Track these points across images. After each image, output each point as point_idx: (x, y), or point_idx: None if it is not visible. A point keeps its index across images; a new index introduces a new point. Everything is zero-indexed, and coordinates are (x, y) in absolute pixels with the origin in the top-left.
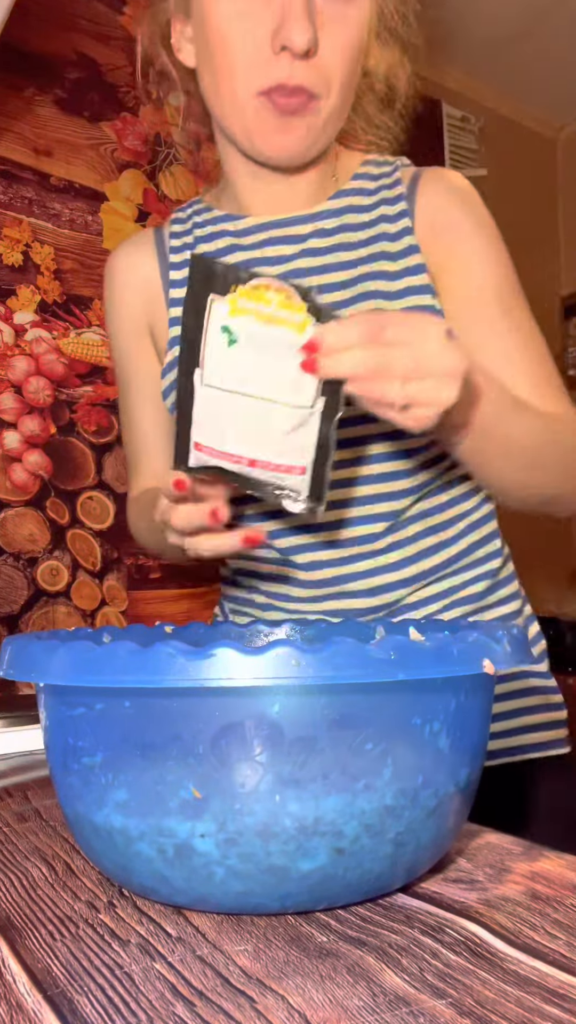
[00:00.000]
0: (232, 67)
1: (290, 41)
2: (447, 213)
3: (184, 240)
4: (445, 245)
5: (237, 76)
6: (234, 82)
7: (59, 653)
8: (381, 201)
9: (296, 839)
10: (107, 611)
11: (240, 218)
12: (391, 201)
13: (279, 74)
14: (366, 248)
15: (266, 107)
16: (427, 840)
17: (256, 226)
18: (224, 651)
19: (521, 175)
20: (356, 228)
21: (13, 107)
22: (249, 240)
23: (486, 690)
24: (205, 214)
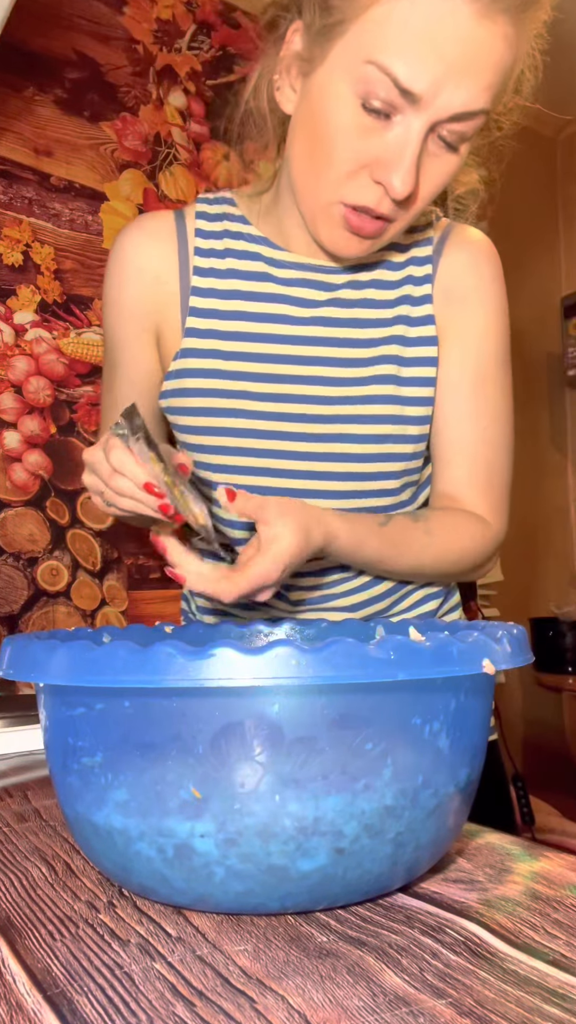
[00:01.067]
0: (330, 169)
1: (391, 185)
2: (462, 283)
3: (213, 245)
4: (452, 315)
5: (329, 180)
6: (324, 182)
7: (59, 653)
8: (411, 260)
9: (296, 839)
10: (107, 611)
11: (279, 249)
12: (420, 262)
13: (369, 198)
14: (391, 309)
15: (342, 219)
16: (427, 840)
17: (294, 263)
18: (224, 651)
19: (521, 175)
20: (385, 286)
21: (13, 107)
22: (283, 274)
23: (486, 690)
24: (240, 225)
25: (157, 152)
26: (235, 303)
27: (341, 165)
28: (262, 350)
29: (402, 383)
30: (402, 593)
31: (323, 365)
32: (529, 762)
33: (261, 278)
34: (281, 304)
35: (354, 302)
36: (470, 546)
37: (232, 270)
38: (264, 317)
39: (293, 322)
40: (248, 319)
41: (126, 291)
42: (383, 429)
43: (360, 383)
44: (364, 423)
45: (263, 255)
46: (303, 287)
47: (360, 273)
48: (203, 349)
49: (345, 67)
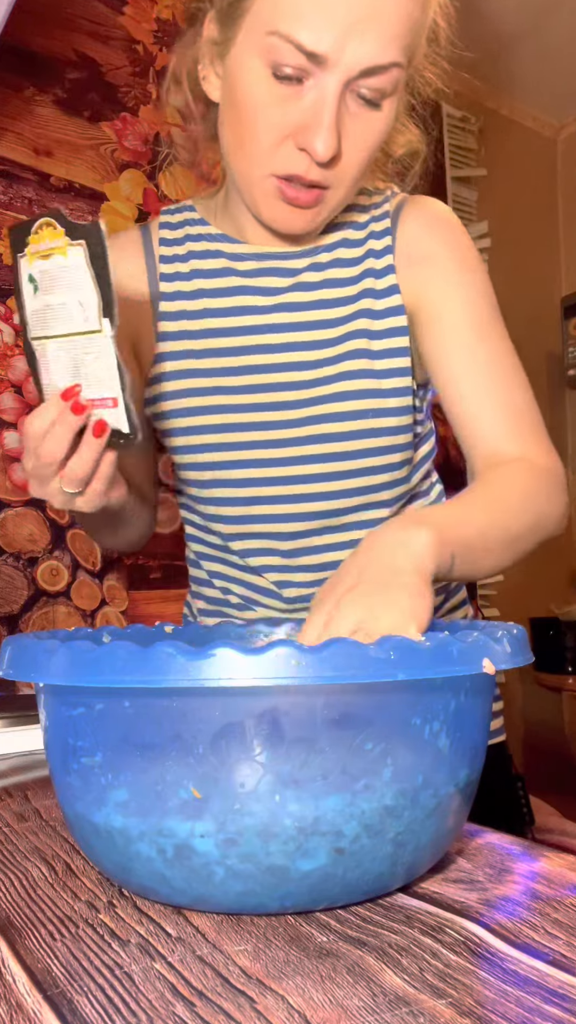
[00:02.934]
0: (254, 146)
1: (313, 150)
2: (421, 244)
3: (176, 251)
4: (420, 278)
5: (257, 156)
6: (252, 159)
7: (59, 653)
8: (370, 234)
9: (295, 839)
10: (107, 611)
11: (237, 242)
12: (379, 235)
13: (296, 167)
14: (355, 285)
15: (276, 189)
16: (427, 840)
17: (253, 254)
18: (224, 651)
19: (521, 175)
20: (347, 263)
21: (13, 107)
22: (244, 266)
23: (486, 690)
24: (199, 227)
25: (157, 152)
26: (201, 302)
27: (265, 137)
28: (231, 343)
29: (374, 356)
30: None
31: (293, 350)
32: (529, 762)
33: (223, 273)
34: (245, 296)
35: (317, 284)
36: (528, 486)
37: (196, 271)
38: (230, 311)
39: (258, 311)
40: (214, 315)
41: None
42: (360, 404)
43: (332, 362)
44: (341, 400)
45: (224, 251)
46: (265, 276)
47: (320, 255)
48: (175, 351)
49: (253, 42)
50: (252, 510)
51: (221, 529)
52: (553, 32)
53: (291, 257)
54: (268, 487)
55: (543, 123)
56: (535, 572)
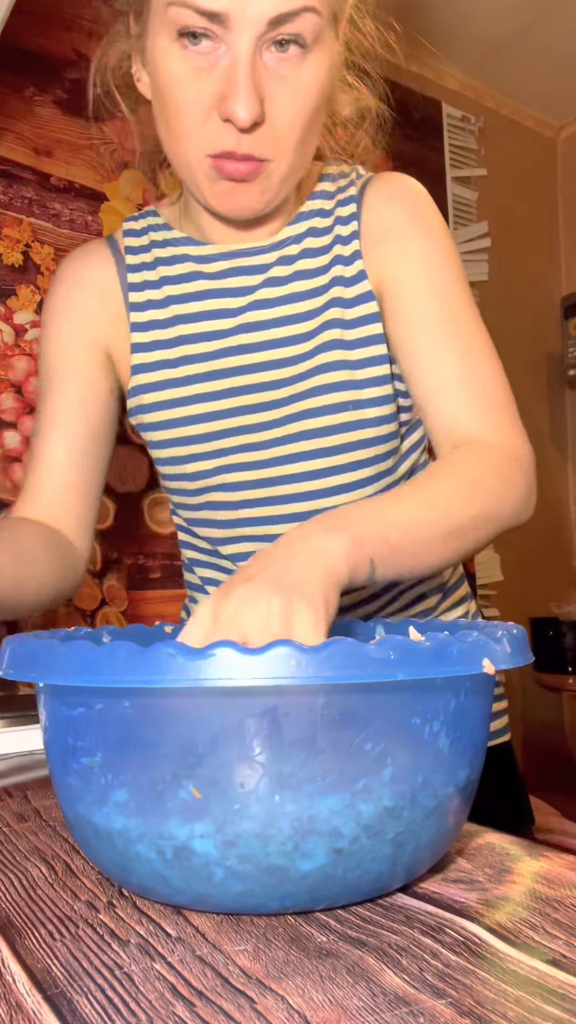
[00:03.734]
0: (182, 128)
1: (232, 115)
2: (381, 221)
3: (143, 259)
4: (380, 257)
5: (187, 138)
6: (184, 142)
7: (59, 653)
8: (336, 220)
9: (294, 839)
10: (107, 611)
11: (202, 244)
12: (345, 220)
13: (226, 142)
14: (325, 275)
15: (215, 172)
16: (427, 840)
17: (219, 254)
18: (224, 651)
19: (521, 175)
20: (316, 253)
21: (13, 107)
22: (212, 268)
23: (486, 690)
24: (164, 232)
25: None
26: (172, 309)
27: (189, 115)
28: (205, 349)
29: (349, 346)
30: (396, 591)
31: (269, 348)
32: (529, 762)
33: (191, 278)
34: (214, 299)
35: (287, 278)
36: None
37: (164, 278)
38: (200, 316)
39: (229, 314)
40: (186, 321)
41: (74, 313)
42: (338, 398)
43: (307, 357)
44: (318, 395)
45: (190, 254)
46: (233, 276)
47: (288, 247)
48: (151, 363)
49: (159, 20)
50: (241, 514)
51: (211, 534)
52: (553, 32)
53: (258, 253)
54: (256, 489)
55: (543, 123)
56: (535, 572)
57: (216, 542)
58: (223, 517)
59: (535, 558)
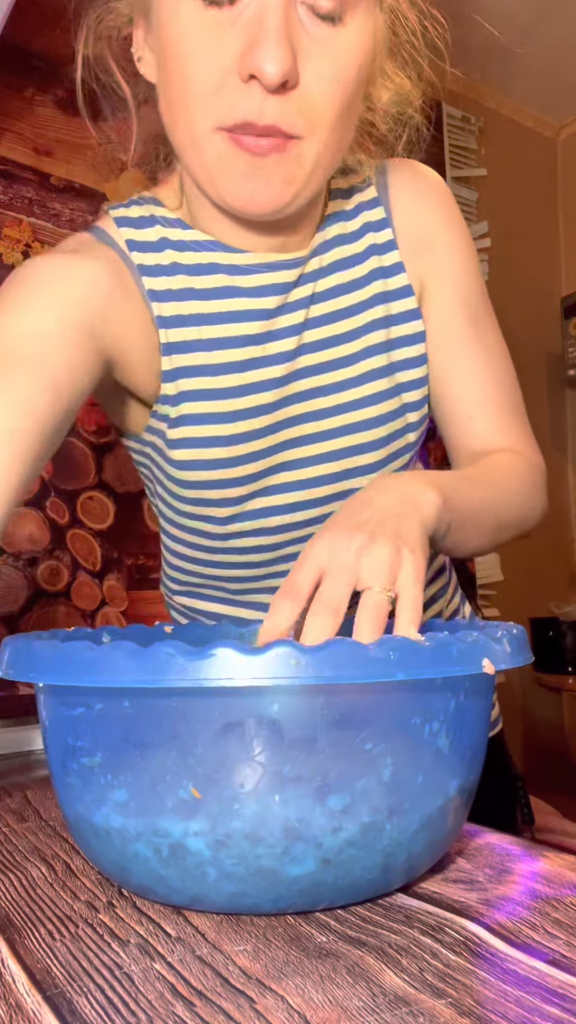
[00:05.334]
0: (189, 96)
1: (259, 69)
2: (426, 229)
3: (157, 260)
4: (425, 264)
5: (195, 108)
6: (191, 115)
7: (59, 653)
8: (365, 227)
9: (283, 843)
10: (107, 611)
11: (236, 251)
12: (376, 226)
13: (246, 109)
14: (364, 290)
15: (230, 148)
16: (427, 840)
17: (257, 265)
18: (224, 651)
19: (521, 175)
20: (349, 264)
21: (13, 107)
22: (249, 283)
23: (485, 690)
24: (179, 231)
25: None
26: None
27: (201, 77)
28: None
29: (398, 368)
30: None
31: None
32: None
33: (227, 293)
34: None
35: (329, 293)
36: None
37: (188, 290)
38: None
39: (282, 360)
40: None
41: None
42: (389, 429)
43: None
44: (370, 428)
45: (220, 264)
46: (274, 295)
47: (323, 255)
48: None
49: None
50: (244, 508)
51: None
52: (553, 32)
53: (295, 265)
54: (259, 481)
55: (543, 123)
56: (535, 572)
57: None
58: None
59: (535, 558)
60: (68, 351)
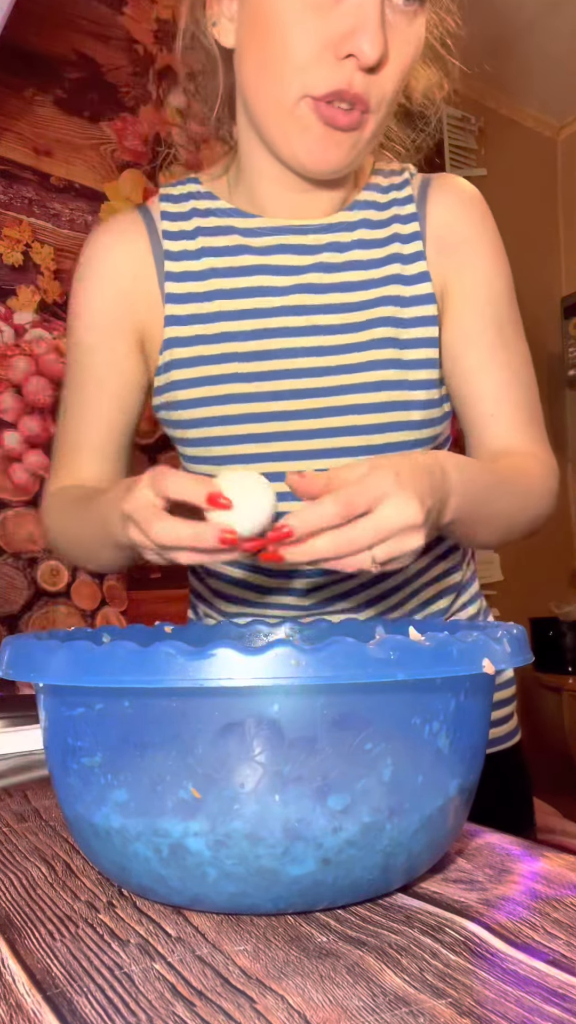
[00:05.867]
0: (287, 62)
1: (360, 51)
2: (457, 230)
3: (182, 226)
4: (453, 264)
5: (290, 73)
6: (285, 80)
7: (59, 653)
8: (394, 218)
9: (283, 843)
10: (107, 611)
11: (251, 216)
12: (404, 219)
13: (339, 79)
14: (380, 269)
15: (315, 114)
16: (427, 840)
17: (269, 228)
18: (224, 651)
19: (521, 175)
20: (370, 245)
21: (13, 107)
22: (260, 243)
23: (486, 690)
24: (207, 201)
25: (157, 152)
26: (212, 282)
27: (300, 50)
28: (245, 327)
29: (402, 346)
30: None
31: (313, 334)
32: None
33: (236, 251)
34: (260, 275)
35: (339, 265)
36: (543, 484)
37: (205, 248)
38: (243, 292)
39: (275, 292)
40: (227, 296)
41: (104, 294)
42: (387, 396)
43: (356, 349)
44: (366, 391)
45: (236, 227)
46: (283, 253)
47: (340, 233)
48: (185, 337)
49: None
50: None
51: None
52: (553, 32)
53: (310, 232)
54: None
55: (543, 123)
56: (535, 572)
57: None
58: None
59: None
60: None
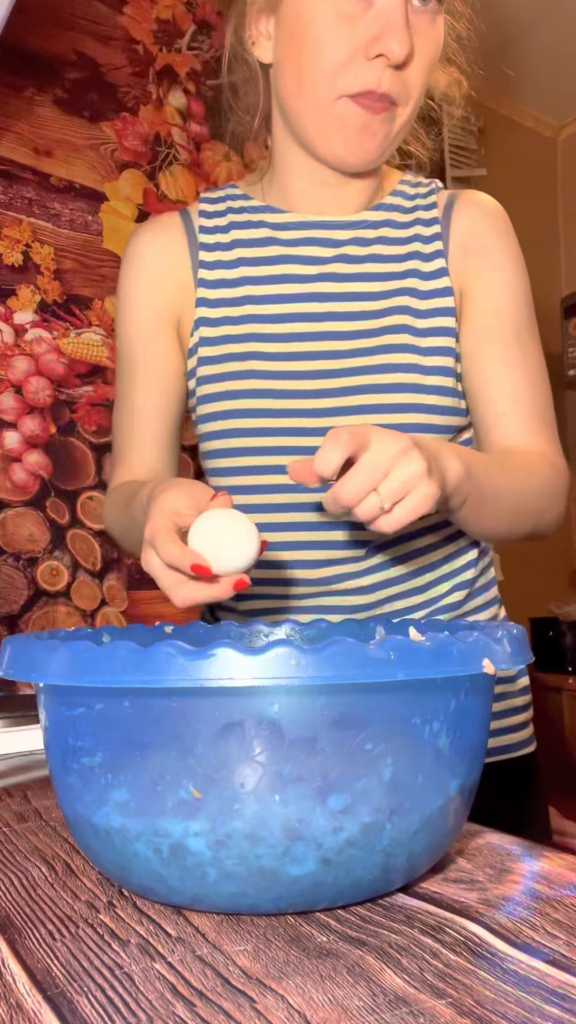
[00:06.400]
0: (324, 68)
1: (389, 50)
2: (480, 238)
3: (217, 222)
4: (474, 268)
5: (326, 77)
6: (322, 83)
7: (59, 653)
8: (416, 220)
9: (284, 843)
10: (107, 611)
11: (281, 211)
12: (426, 222)
13: (370, 79)
14: (400, 264)
15: (351, 110)
16: (427, 840)
17: (297, 223)
18: (224, 651)
19: (521, 175)
20: (392, 242)
21: (13, 107)
22: (288, 235)
23: (486, 690)
24: (242, 201)
25: (157, 152)
26: (241, 270)
27: (334, 55)
28: (271, 311)
29: (418, 333)
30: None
31: (334, 320)
32: None
33: (265, 243)
34: (287, 264)
35: (362, 257)
36: (547, 477)
37: (236, 240)
38: (271, 279)
39: (301, 280)
40: (254, 283)
41: (143, 284)
42: (402, 378)
43: (373, 334)
44: (381, 373)
45: (267, 221)
46: (309, 245)
47: (365, 230)
48: (214, 318)
49: None
50: (285, 480)
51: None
52: (553, 32)
53: (336, 227)
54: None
55: (543, 123)
56: (535, 572)
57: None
58: (265, 482)
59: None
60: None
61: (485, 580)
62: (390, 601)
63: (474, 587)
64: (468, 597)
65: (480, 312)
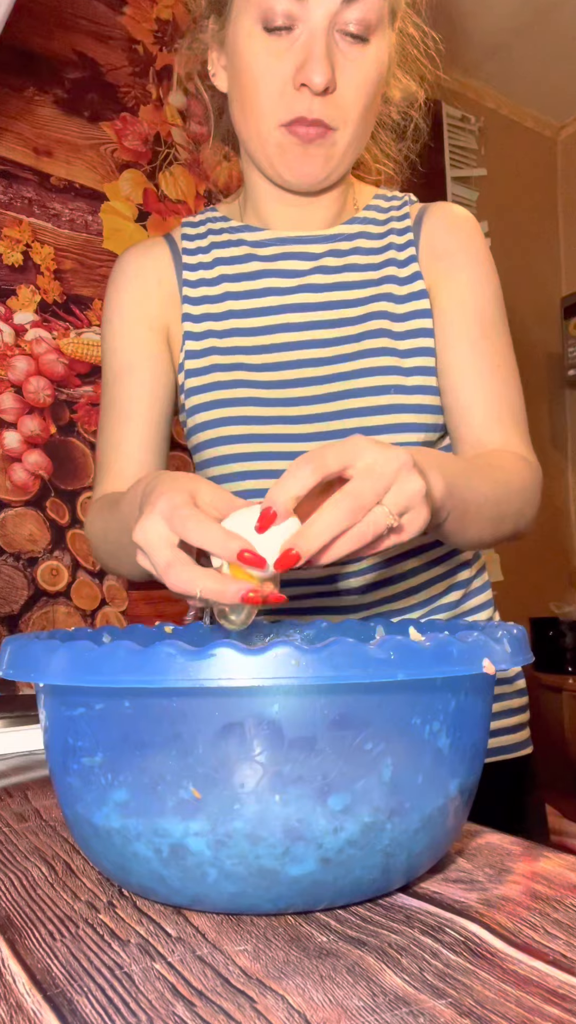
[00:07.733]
0: (258, 101)
1: (309, 80)
2: (446, 241)
3: (199, 244)
4: (442, 269)
5: (262, 109)
6: (260, 114)
7: (59, 653)
8: (390, 231)
9: (284, 843)
10: (107, 611)
11: (259, 230)
12: (400, 231)
13: (299, 108)
14: (376, 272)
15: (287, 138)
16: (427, 840)
17: (274, 239)
18: (224, 651)
19: (521, 175)
20: (368, 252)
21: (13, 107)
22: (266, 252)
23: (486, 690)
24: (221, 223)
25: (157, 152)
26: (223, 286)
27: (266, 89)
28: (254, 324)
29: (397, 337)
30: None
31: (315, 328)
32: None
33: (245, 260)
34: (267, 279)
35: (338, 268)
36: (522, 477)
37: (218, 259)
38: (252, 293)
39: (281, 292)
40: (237, 298)
41: (131, 294)
42: (383, 380)
43: (353, 340)
44: (363, 376)
45: (246, 239)
46: (287, 259)
47: (340, 243)
48: (199, 332)
49: (242, 6)
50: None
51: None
52: (553, 32)
53: (312, 241)
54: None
55: (543, 123)
56: (535, 572)
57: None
58: (254, 487)
59: (535, 558)
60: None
61: (481, 581)
62: (388, 601)
63: (470, 587)
64: (465, 597)
65: (447, 309)
